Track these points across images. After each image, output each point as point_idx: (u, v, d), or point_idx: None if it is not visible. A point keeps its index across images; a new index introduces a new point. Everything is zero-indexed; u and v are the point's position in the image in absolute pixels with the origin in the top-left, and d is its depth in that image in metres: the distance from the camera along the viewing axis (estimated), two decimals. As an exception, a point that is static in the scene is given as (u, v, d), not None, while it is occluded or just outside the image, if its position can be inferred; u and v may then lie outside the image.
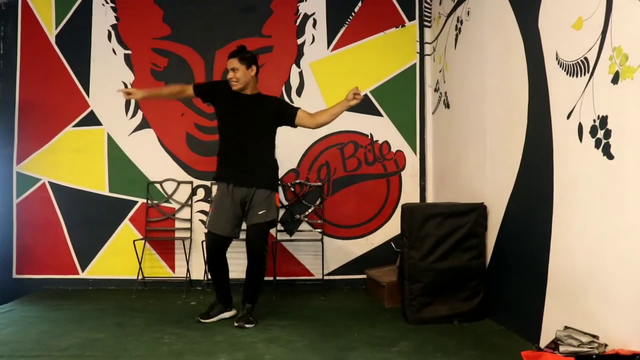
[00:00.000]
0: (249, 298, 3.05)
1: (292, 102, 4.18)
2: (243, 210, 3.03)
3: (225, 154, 3.09)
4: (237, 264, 3.51)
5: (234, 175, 3.01)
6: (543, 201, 2.45)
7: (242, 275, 3.09)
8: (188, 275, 4.03)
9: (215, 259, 3.04)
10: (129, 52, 4.22)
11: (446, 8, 3.82)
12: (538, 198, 2.51)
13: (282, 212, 4.15)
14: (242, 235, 3.12)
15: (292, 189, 4.18)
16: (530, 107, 2.62)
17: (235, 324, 2.93)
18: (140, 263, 3.97)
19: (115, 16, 4.22)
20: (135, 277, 3.97)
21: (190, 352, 2.49)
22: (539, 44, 2.50)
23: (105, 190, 4.18)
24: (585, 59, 2.13)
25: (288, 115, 3.09)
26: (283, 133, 4.15)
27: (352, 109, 4.17)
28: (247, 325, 2.92)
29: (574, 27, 2.20)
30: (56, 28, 4.21)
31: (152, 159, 4.19)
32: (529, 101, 2.63)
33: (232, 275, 3.17)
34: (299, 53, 4.23)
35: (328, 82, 4.22)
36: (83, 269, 4.15)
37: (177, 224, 4.17)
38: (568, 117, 2.26)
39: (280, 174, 4.16)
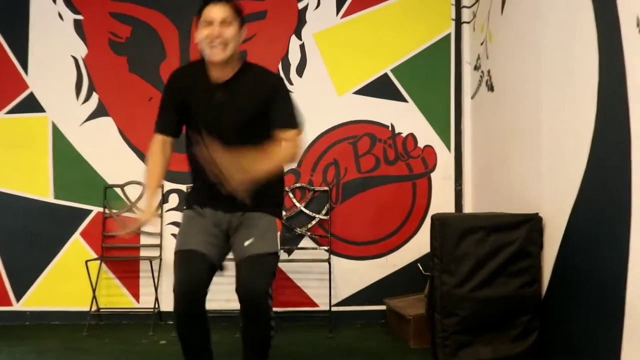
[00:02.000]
0: None
1: (292, 84, 4.18)
2: (226, 238, 2.53)
3: (199, 179, 2.57)
4: (218, 290, 3.48)
5: (213, 201, 2.50)
6: (618, 212, 2.42)
7: (225, 306, 3.04)
8: (156, 306, 4.03)
9: (191, 304, 2.33)
10: (80, 17, 4.23)
11: (490, -39, 3.82)
12: (611, 208, 2.49)
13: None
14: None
15: (292, 195, 4.18)
16: (600, 90, 2.60)
17: None
18: (94, 290, 3.97)
19: (62, -29, 4.24)
20: (87, 309, 3.97)
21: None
22: (614, 5, 2.47)
23: (48, 197, 4.20)
24: (675, 26, 2.11)
25: (270, 117, 2.45)
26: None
27: (369, 92, 4.21)
28: None
29: (660, -15, 2.19)
30: (-15, -14, 4.24)
31: (111, 155, 4.21)
32: (599, 82, 2.61)
33: (213, 305, 2.72)
34: (300, 21, 4.24)
35: (337, 59, 4.23)
36: (18, 299, 4.17)
37: (143, 240, 4.18)
38: (652, 102, 2.24)
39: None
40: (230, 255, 2.53)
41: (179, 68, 2.77)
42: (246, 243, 2.41)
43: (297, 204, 4.17)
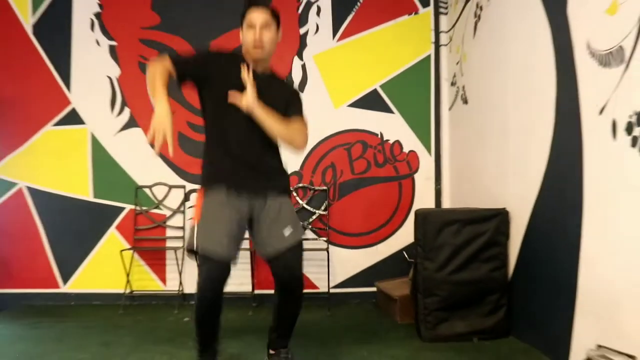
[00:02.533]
0: (282, 340, 2.48)
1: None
2: (245, 223, 2.35)
3: (220, 153, 2.37)
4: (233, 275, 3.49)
5: (233, 181, 2.31)
6: (572, 206, 2.44)
7: (240, 289, 3.05)
8: (181, 289, 4.04)
9: (214, 301, 2.20)
10: (114, 43, 4.23)
11: (463, -7, 3.83)
12: (566, 203, 2.50)
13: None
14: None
15: (295, 194, 4.18)
16: (557, 102, 2.61)
17: None
18: (127, 275, 3.98)
19: (98, 3, 4.24)
20: (122, 291, 3.98)
21: (182, 374, 2.50)
22: (568, 32, 2.49)
23: (89, 196, 4.20)
24: (621, 47, 2.12)
25: (288, 112, 2.40)
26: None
27: (361, 105, 4.22)
28: None
29: (608, 12, 2.20)
30: (33, 16, 4.23)
31: (141, 161, 4.20)
32: (556, 96, 2.62)
33: (230, 288, 2.53)
34: (302, 44, 4.24)
35: (334, 77, 4.23)
36: (65, 283, 4.17)
37: (169, 232, 4.18)
38: (600, 112, 2.25)
39: (282, 176, 4.19)
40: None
41: (224, 51, 2.49)
42: (287, 233, 2.30)
43: (300, 201, 4.17)
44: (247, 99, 2.25)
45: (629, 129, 2.07)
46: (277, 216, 2.32)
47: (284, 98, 2.42)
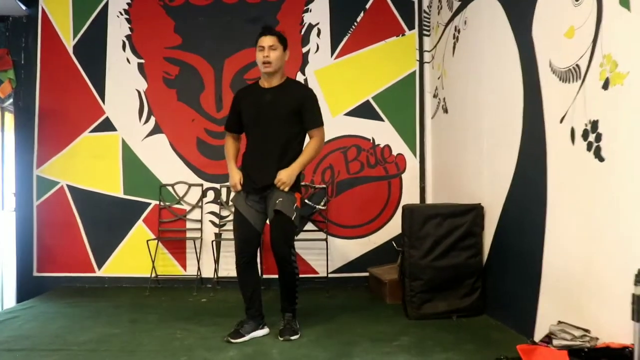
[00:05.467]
0: (286, 306, 2.72)
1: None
2: (264, 215, 2.70)
3: (246, 159, 2.72)
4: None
5: (253, 182, 2.65)
6: (537, 202, 2.45)
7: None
8: (199, 274, 4.05)
9: (247, 265, 2.62)
10: (142, 61, 4.25)
11: (444, 17, 3.83)
12: (532, 199, 2.51)
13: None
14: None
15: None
16: (525, 112, 2.62)
17: (280, 339, 2.59)
18: (153, 262, 4.00)
19: (129, 27, 4.26)
20: (148, 275, 3.99)
21: (201, 347, 2.51)
22: (533, 52, 2.51)
23: (120, 193, 4.21)
24: (577, 66, 2.14)
25: (300, 121, 2.68)
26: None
27: (355, 114, 4.23)
28: (292, 338, 2.59)
29: (566, 36, 2.21)
30: (74, 39, 4.25)
31: (165, 162, 4.21)
32: (523, 106, 2.63)
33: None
34: (304, 61, 4.25)
35: (332, 89, 4.23)
36: (99, 267, 4.19)
37: (188, 225, 4.19)
38: (561, 121, 2.26)
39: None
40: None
41: (241, 88, 2.91)
42: (277, 201, 2.59)
43: (302, 198, 4.18)
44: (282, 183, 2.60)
45: (585, 135, 2.09)
46: (274, 198, 2.61)
47: (297, 100, 2.66)
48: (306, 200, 4.17)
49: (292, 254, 2.65)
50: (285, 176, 2.57)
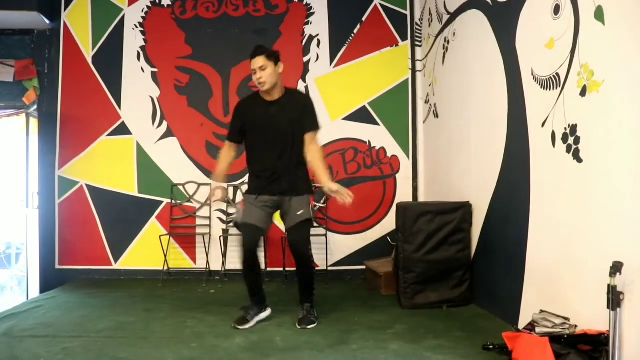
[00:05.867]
0: (305, 298, 2.74)
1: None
2: (274, 211, 2.71)
3: (254, 171, 2.71)
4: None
5: (266, 188, 2.64)
6: (521, 200, 2.46)
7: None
8: (208, 267, 4.06)
9: (251, 257, 2.59)
10: (155, 70, 4.26)
11: (435, 29, 3.83)
12: (517, 197, 2.52)
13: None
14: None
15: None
16: (509, 117, 2.63)
17: (298, 327, 2.60)
18: (165, 256, 4.00)
19: (143, 39, 4.27)
20: (161, 268, 4.00)
21: (209, 335, 2.52)
22: (517, 61, 2.51)
23: (134, 192, 4.22)
24: (557, 74, 2.15)
25: (301, 127, 2.66)
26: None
27: (352, 118, 4.24)
28: (309, 327, 2.59)
29: (547, 47, 2.22)
30: (93, 50, 4.26)
31: (176, 164, 4.22)
32: (508, 111, 2.64)
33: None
34: (305, 70, 4.25)
35: (331, 96, 4.23)
36: (116, 261, 4.19)
37: (198, 221, 4.19)
38: (542, 125, 2.27)
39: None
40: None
41: (243, 99, 2.85)
42: (298, 213, 2.61)
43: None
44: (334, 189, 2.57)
45: (565, 138, 2.10)
46: (294, 206, 2.63)
47: (299, 109, 2.66)
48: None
49: (311, 254, 2.70)
50: (336, 187, 2.55)
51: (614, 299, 1.69)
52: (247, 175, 2.81)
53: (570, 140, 2.05)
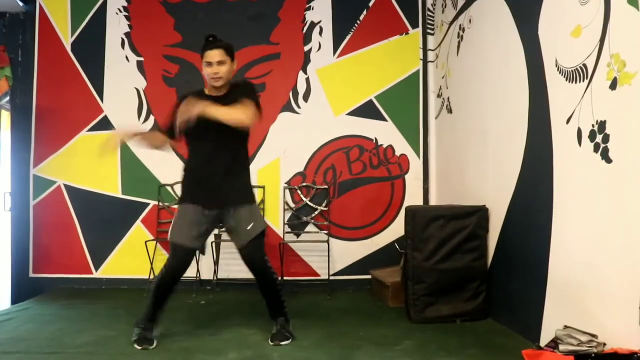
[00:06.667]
0: (276, 312, 2.72)
1: (299, 107, 4.22)
2: (214, 226, 2.70)
3: (191, 172, 2.64)
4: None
5: (203, 196, 2.56)
6: (543, 204, 2.45)
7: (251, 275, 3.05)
8: (198, 275, 4.05)
9: (175, 279, 2.61)
10: (141, 59, 4.26)
11: (449, 16, 3.83)
12: (538, 201, 2.51)
13: (288, 214, 4.17)
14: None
15: (299, 192, 4.19)
16: (530, 112, 2.63)
17: (271, 343, 2.58)
18: (151, 263, 3.98)
19: (128, 24, 4.27)
20: (146, 277, 3.98)
21: (200, 350, 2.51)
22: (539, 51, 2.51)
23: (118, 193, 4.22)
24: (584, 65, 2.14)
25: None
26: (290, 136, 4.21)
27: (358, 114, 4.23)
28: (282, 343, 2.57)
29: (573, 35, 2.21)
30: (72, 36, 4.26)
31: (163, 162, 4.18)
32: (529, 106, 2.63)
33: (244, 275, 2.94)
34: (306, 60, 4.25)
35: (334, 88, 4.23)
36: (96, 269, 4.19)
37: (187, 226, 4.19)
38: (567, 122, 2.26)
39: (288, 177, 4.21)
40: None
41: (185, 93, 2.66)
42: (248, 228, 2.56)
43: (304, 199, 4.18)
44: (196, 108, 2.36)
45: (592, 136, 2.09)
46: (241, 219, 2.57)
47: (238, 96, 2.53)
48: (308, 202, 4.18)
49: (268, 262, 2.66)
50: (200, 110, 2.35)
51: (647, 313, 1.68)
52: (181, 180, 2.70)
53: (599, 138, 2.04)
